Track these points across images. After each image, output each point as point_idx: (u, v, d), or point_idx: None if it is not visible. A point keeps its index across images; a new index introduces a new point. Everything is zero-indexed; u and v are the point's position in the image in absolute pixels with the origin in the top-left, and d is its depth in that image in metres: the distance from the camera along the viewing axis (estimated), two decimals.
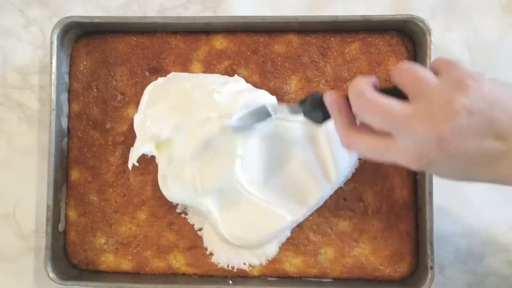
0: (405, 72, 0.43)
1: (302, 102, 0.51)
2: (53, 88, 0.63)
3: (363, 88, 0.44)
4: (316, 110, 0.49)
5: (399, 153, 0.42)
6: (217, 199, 0.61)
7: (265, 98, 0.60)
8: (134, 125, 0.61)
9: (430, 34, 0.60)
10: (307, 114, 0.51)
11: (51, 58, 0.63)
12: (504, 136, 0.41)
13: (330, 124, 0.60)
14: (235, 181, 0.59)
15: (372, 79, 0.45)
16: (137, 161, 0.62)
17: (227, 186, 0.60)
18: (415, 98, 0.42)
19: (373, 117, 0.43)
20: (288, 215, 0.60)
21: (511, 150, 0.41)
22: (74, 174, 0.65)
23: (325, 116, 0.49)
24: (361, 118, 0.45)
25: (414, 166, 0.42)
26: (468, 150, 0.41)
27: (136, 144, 0.61)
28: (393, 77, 0.44)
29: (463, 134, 0.40)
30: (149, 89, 0.63)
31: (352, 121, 0.46)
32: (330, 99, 0.47)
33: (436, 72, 0.43)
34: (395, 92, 0.44)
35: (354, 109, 0.45)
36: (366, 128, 0.45)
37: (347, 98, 0.46)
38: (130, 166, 0.62)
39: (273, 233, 0.61)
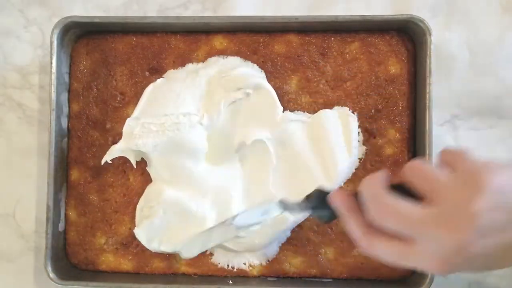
0: (416, 171, 0.41)
1: (309, 198, 0.48)
2: (53, 88, 0.63)
3: (378, 191, 0.41)
4: (323, 207, 0.46)
5: (420, 258, 0.40)
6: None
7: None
8: (124, 127, 0.61)
9: (430, 34, 0.60)
10: (314, 211, 0.48)
11: (51, 58, 0.63)
12: None
13: (331, 124, 0.60)
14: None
15: (384, 175, 0.43)
16: (137, 161, 0.63)
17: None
18: (431, 200, 0.40)
19: (391, 223, 0.40)
20: (289, 216, 0.60)
21: None
22: (74, 174, 0.65)
23: (334, 214, 0.45)
24: (377, 223, 0.41)
25: (438, 272, 0.40)
26: (493, 246, 0.39)
27: (118, 145, 0.61)
28: (405, 176, 0.42)
29: (485, 233, 0.38)
30: (148, 90, 0.63)
31: (366, 223, 0.42)
32: (337, 200, 0.44)
33: (446, 166, 0.41)
34: (405, 187, 0.42)
35: (370, 214, 0.42)
36: (383, 232, 0.42)
37: (355, 195, 0.43)
38: (102, 162, 0.62)
39: (275, 234, 0.61)
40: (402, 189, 0.42)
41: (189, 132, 0.60)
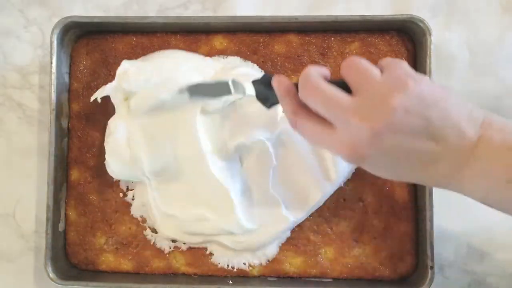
0: (352, 65, 0.44)
1: (256, 81, 0.52)
2: (53, 88, 0.63)
3: (311, 74, 0.45)
4: (267, 91, 0.50)
5: (336, 143, 0.44)
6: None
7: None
8: (119, 68, 0.60)
9: (430, 34, 0.60)
10: (259, 93, 0.52)
11: (51, 58, 0.63)
12: (437, 138, 0.41)
13: None
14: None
15: (324, 69, 0.46)
16: None
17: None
18: (357, 92, 0.43)
19: (316, 103, 0.44)
20: (289, 216, 0.60)
21: (443, 152, 0.42)
22: (74, 174, 0.65)
23: (275, 99, 0.50)
24: (306, 103, 0.45)
25: (348, 158, 0.43)
26: (402, 148, 0.42)
27: (110, 84, 0.60)
28: (341, 70, 0.45)
29: (397, 131, 0.41)
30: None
31: (299, 104, 0.46)
32: (278, 82, 0.48)
33: (382, 70, 0.44)
34: (344, 86, 0.45)
35: (299, 93, 0.45)
36: (313, 114, 0.46)
37: (296, 85, 0.47)
38: (91, 99, 0.61)
39: (275, 234, 0.61)
40: (344, 87, 0.44)
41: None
